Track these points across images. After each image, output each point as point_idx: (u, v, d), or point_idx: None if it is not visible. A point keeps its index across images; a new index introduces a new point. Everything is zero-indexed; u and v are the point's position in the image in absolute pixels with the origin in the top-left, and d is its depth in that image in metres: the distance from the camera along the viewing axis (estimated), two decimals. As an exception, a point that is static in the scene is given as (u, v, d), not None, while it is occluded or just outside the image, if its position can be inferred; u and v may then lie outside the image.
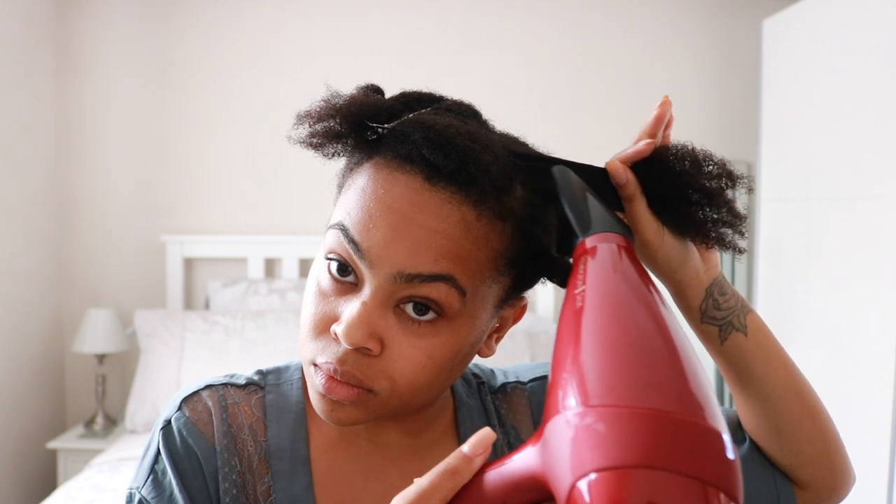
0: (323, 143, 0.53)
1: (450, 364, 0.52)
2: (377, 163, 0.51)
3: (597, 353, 0.35)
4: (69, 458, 2.32)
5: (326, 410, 0.51)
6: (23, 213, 2.45)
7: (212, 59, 2.65)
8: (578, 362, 0.35)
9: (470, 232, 0.49)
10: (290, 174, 2.60)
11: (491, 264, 0.50)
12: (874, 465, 1.79)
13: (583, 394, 0.34)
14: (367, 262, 0.49)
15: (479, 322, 0.52)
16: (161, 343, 2.25)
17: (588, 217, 0.47)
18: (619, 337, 0.36)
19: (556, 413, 0.34)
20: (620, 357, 0.35)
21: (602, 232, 0.46)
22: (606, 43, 2.69)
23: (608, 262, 0.43)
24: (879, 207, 1.85)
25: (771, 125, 2.37)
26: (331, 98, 0.52)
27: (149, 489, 0.55)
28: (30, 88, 2.49)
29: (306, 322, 0.52)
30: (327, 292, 0.51)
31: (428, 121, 0.49)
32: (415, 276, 0.48)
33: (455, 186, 0.48)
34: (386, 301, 0.49)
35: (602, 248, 0.44)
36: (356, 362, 0.49)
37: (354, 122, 0.51)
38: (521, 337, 2.31)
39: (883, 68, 1.85)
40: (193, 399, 0.58)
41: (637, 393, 0.32)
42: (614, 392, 0.33)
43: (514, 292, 0.55)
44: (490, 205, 0.49)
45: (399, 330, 0.49)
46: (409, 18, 2.68)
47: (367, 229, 0.49)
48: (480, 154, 0.48)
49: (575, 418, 0.33)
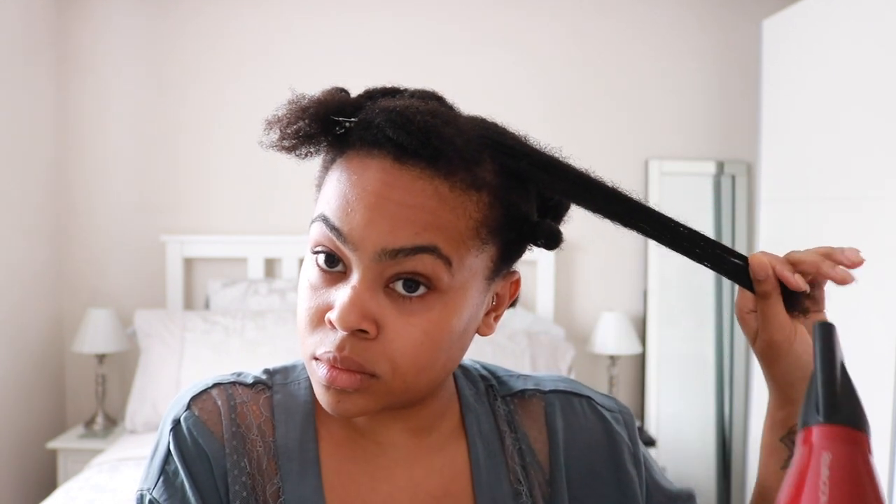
0: (294, 144, 0.53)
1: (447, 341, 0.52)
2: (348, 155, 0.52)
3: None
4: (69, 458, 2.32)
5: (332, 402, 0.51)
6: (23, 213, 2.45)
7: (212, 58, 2.65)
8: None
9: (446, 203, 0.50)
10: (289, 174, 2.60)
11: (472, 233, 0.51)
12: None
13: None
14: (350, 245, 0.50)
15: (471, 295, 0.53)
16: (161, 343, 2.25)
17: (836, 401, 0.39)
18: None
19: None
20: None
21: (849, 426, 0.39)
22: (607, 43, 2.69)
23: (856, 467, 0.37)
24: (879, 207, 1.85)
25: (771, 125, 2.37)
26: (296, 100, 0.53)
27: (160, 490, 0.55)
28: (30, 88, 2.49)
29: (302, 318, 0.53)
30: (318, 285, 0.52)
31: (388, 105, 0.50)
32: (398, 251, 0.49)
33: (424, 162, 0.49)
34: (375, 282, 0.50)
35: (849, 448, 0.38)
36: (354, 347, 0.50)
37: (322, 120, 0.52)
38: (521, 337, 2.31)
39: (883, 68, 1.85)
40: (202, 398, 0.58)
41: None
42: None
43: (504, 263, 0.55)
44: (461, 176, 0.50)
45: (392, 310, 0.50)
46: (410, 19, 2.68)
47: (345, 214, 0.50)
48: (442, 128, 0.49)
49: None
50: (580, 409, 0.65)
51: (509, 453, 0.61)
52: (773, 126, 2.36)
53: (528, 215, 0.54)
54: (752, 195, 2.66)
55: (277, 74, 2.61)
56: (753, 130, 2.62)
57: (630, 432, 0.66)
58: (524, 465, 0.62)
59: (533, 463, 0.62)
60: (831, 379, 0.39)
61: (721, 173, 2.67)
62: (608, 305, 2.70)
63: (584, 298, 2.73)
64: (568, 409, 0.65)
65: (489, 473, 0.60)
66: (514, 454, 0.62)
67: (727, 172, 2.67)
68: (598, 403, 0.66)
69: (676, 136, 2.71)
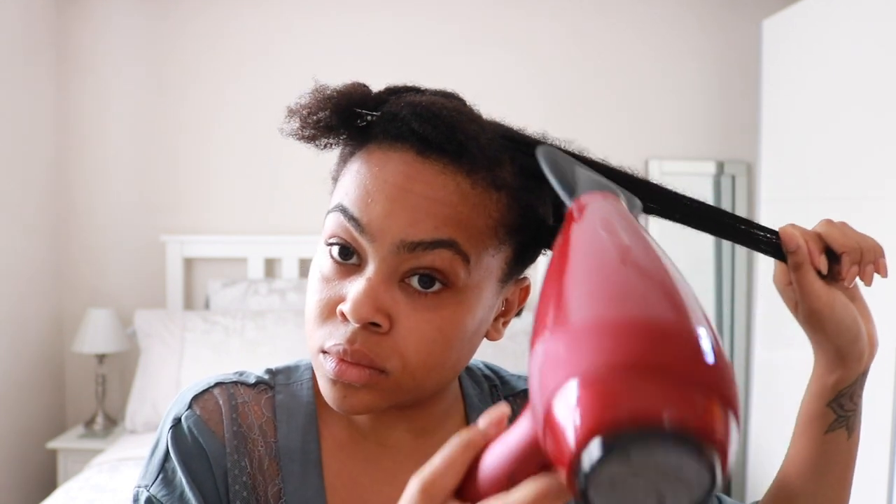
0: (315, 134, 0.53)
1: (459, 340, 0.51)
2: (369, 148, 0.52)
3: (570, 282, 0.33)
4: (69, 458, 2.32)
5: (338, 398, 0.50)
6: (23, 213, 2.45)
7: (212, 58, 2.65)
8: (549, 296, 0.33)
9: (467, 199, 0.49)
10: (290, 174, 2.60)
11: (491, 231, 0.50)
12: (874, 465, 1.79)
13: (550, 321, 0.31)
14: (368, 236, 0.49)
15: (485, 295, 0.52)
16: (161, 343, 2.25)
17: (575, 183, 0.45)
18: (591, 264, 0.34)
19: (531, 353, 0.32)
20: (593, 280, 0.32)
21: (589, 192, 0.44)
22: (607, 43, 2.69)
23: (593, 210, 0.41)
24: (879, 207, 1.85)
25: (771, 125, 2.37)
26: (320, 90, 0.53)
27: (158, 487, 0.54)
28: (30, 88, 2.49)
29: (311, 310, 0.52)
30: (331, 277, 0.51)
31: (414, 99, 0.50)
32: (417, 244, 0.48)
33: (447, 157, 0.49)
34: (391, 275, 0.49)
35: (589, 204, 0.42)
36: (366, 340, 0.49)
37: (345, 111, 0.52)
38: (521, 337, 2.31)
39: (883, 68, 1.85)
40: (204, 397, 0.57)
41: (605, 307, 0.29)
42: (580, 311, 0.30)
43: (517, 266, 0.55)
44: (483, 174, 0.50)
45: (406, 304, 0.49)
46: (410, 19, 2.68)
47: (365, 204, 0.49)
48: (467, 124, 0.49)
49: (541, 345, 0.31)
50: None
51: None
52: (773, 126, 2.36)
53: (544, 219, 0.54)
54: (752, 195, 2.66)
55: (277, 74, 2.61)
56: (753, 130, 2.62)
57: None
58: None
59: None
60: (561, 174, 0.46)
61: (721, 173, 2.67)
62: (608, 305, 2.69)
63: (584, 298, 2.73)
64: None
65: None
66: None
67: (727, 172, 2.67)
68: None
69: (676, 136, 2.71)
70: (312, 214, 2.55)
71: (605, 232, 0.37)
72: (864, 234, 0.55)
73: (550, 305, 0.32)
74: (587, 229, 0.38)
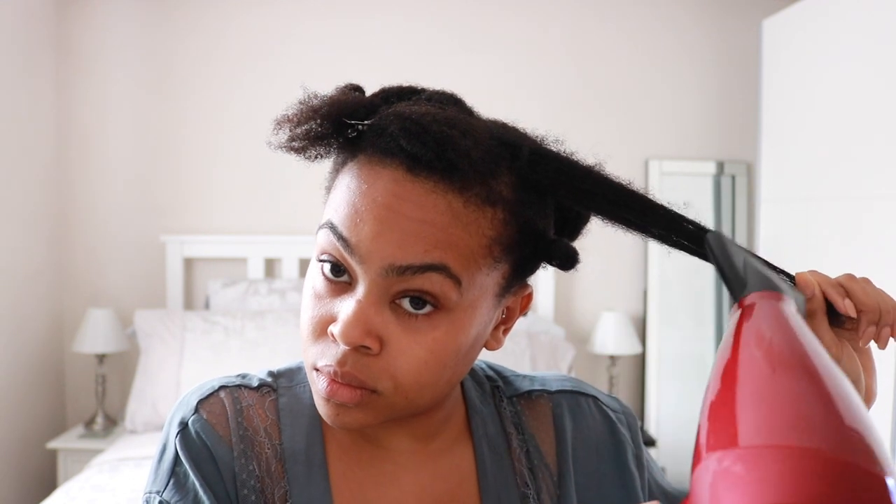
0: (305, 146, 0.51)
1: (453, 359, 0.50)
2: (360, 160, 0.50)
3: (742, 397, 0.33)
4: (69, 458, 2.32)
5: (331, 415, 0.50)
6: (23, 213, 2.45)
7: (212, 59, 2.65)
8: (719, 409, 0.33)
9: (459, 219, 0.47)
10: (290, 174, 2.60)
11: (485, 251, 0.49)
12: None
13: (724, 438, 0.31)
14: (357, 257, 0.48)
15: (480, 313, 0.51)
16: (161, 343, 2.25)
17: (745, 276, 0.44)
18: (766, 382, 0.33)
19: (698, 463, 0.32)
20: (768, 400, 0.32)
21: (761, 290, 0.42)
22: (607, 43, 2.69)
23: (765, 314, 0.40)
24: (879, 207, 1.85)
25: (771, 125, 2.37)
26: (308, 99, 0.51)
27: (171, 492, 0.54)
28: (30, 88, 2.49)
29: (305, 327, 0.52)
30: (322, 294, 0.51)
31: (404, 111, 0.48)
32: (406, 269, 0.47)
33: (437, 175, 0.47)
34: (381, 297, 0.48)
35: (760, 305, 0.41)
36: (356, 363, 0.48)
37: (334, 121, 0.50)
38: (521, 337, 2.31)
39: (883, 68, 1.85)
40: (210, 401, 0.57)
41: (784, 433, 0.29)
42: (759, 433, 0.30)
43: (516, 279, 0.53)
44: (476, 190, 0.48)
45: (397, 326, 0.48)
46: (410, 20, 2.68)
47: (354, 224, 0.48)
48: (458, 139, 0.46)
49: (714, 463, 0.30)
50: (587, 409, 0.65)
51: (516, 455, 0.61)
52: (773, 126, 2.36)
53: (544, 232, 0.52)
54: (752, 195, 2.66)
55: (278, 75, 2.61)
56: (753, 130, 2.62)
57: (633, 434, 0.65)
58: (532, 467, 0.61)
59: (541, 465, 0.61)
60: (731, 267, 0.45)
61: (721, 173, 2.67)
62: (608, 305, 2.70)
63: (584, 298, 2.73)
64: (576, 409, 0.65)
65: (496, 477, 0.59)
66: (522, 456, 0.61)
67: (727, 172, 2.67)
68: (603, 403, 0.66)
69: (676, 136, 2.71)
70: (312, 214, 2.56)
71: (784, 342, 0.36)
72: (884, 293, 0.52)
73: (718, 424, 0.32)
74: (763, 335, 0.37)
